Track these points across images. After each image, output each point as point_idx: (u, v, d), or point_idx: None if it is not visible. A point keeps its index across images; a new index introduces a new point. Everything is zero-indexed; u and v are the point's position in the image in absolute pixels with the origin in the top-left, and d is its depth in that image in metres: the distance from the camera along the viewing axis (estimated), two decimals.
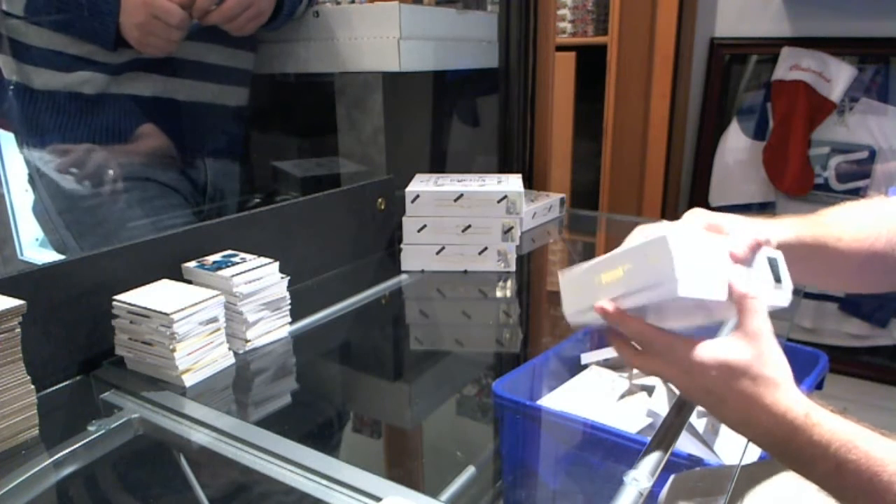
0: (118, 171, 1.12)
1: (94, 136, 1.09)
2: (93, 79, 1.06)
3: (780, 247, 0.59)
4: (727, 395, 0.51)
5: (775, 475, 0.64)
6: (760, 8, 1.80)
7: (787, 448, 0.49)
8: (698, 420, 0.78)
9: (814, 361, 0.95)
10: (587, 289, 0.58)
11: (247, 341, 0.84)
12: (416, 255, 1.16)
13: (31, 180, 1.13)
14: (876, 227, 0.67)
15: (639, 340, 0.55)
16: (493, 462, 0.78)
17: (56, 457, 0.64)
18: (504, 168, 1.61)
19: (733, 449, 0.75)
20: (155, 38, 1.00)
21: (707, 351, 0.51)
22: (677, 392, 0.59)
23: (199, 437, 0.67)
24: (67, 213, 1.10)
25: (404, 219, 1.16)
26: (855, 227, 0.67)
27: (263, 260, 0.87)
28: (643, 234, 0.58)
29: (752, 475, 0.65)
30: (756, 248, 0.56)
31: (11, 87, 1.07)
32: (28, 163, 1.12)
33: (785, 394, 0.50)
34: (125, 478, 0.71)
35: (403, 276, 1.15)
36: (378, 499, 0.55)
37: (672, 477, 0.65)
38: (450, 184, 1.18)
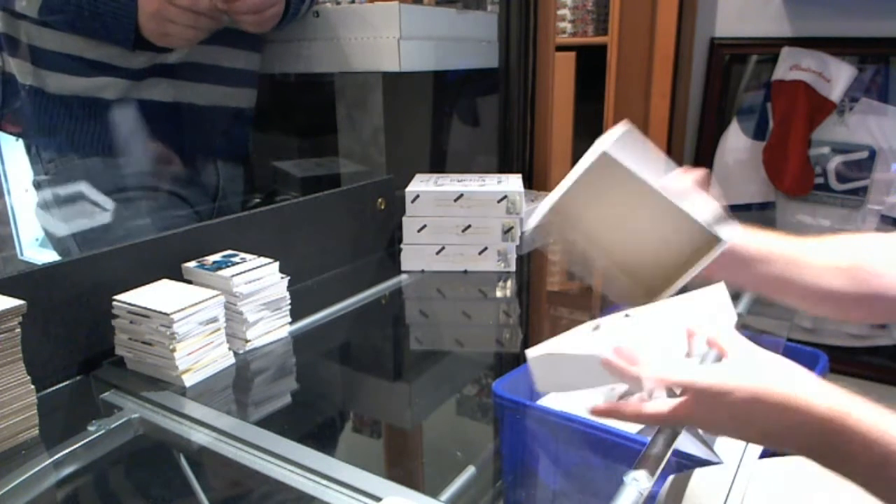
0: (129, 180, 1.12)
1: (110, 142, 1.09)
2: (112, 84, 1.06)
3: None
4: (757, 413, 0.50)
5: (775, 475, 0.64)
6: (760, 8, 1.80)
7: (829, 447, 0.48)
8: None
9: (814, 361, 0.95)
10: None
11: (247, 341, 0.84)
12: (416, 255, 1.16)
13: (37, 183, 1.13)
14: (846, 244, 0.67)
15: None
16: (493, 462, 0.78)
17: (56, 457, 0.64)
18: (504, 168, 1.61)
19: (733, 449, 0.75)
20: (172, 24, 0.98)
21: (733, 374, 0.51)
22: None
23: (199, 437, 0.67)
24: (73, 221, 1.10)
25: (404, 219, 1.15)
26: (822, 242, 0.67)
27: (263, 260, 0.87)
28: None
29: (752, 475, 0.65)
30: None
31: (26, 88, 1.06)
32: (35, 166, 1.12)
33: (820, 391, 0.49)
34: (125, 478, 0.71)
35: (403, 276, 1.15)
36: (378, 499, 0.55)
37: (671, 477, 0.65)
38: (450, 184, 1.18)
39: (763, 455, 0.70)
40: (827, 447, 0.49)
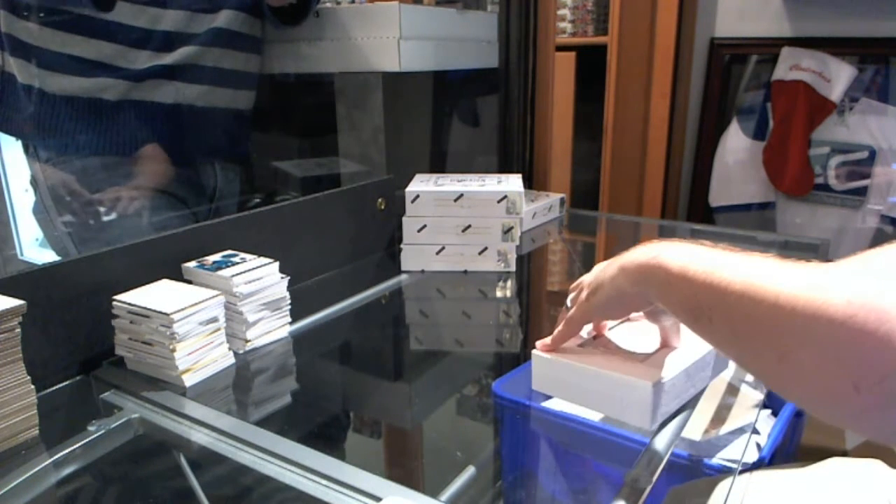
0: (125, 181, 1.12)
1: (108, 143, 1.09)
2: (112, 85, 1.06)
3: None
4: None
5: (772, 484, 0.64)
6: (760, 8, 1.80)
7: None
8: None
9: None
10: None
11: (247, 341, 0.84)
12: (416, 255, 1.16)
13: (34, 182, 1.13)
14: None
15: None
16: (493, 462, 0.78)
17: (56, 457, 0.64)
18: (504, 168, 1.61)
19: (733, 449, 0.75)
20: None
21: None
22: None
23: (199, 437, 0.67)
24: (70, 220, 1.10)
25: (404, 219, 1.16)
26: None
27: (263, 260, 0.87)
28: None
29: (749, 484, 0.65)
30: None
31: (25, 88, 1.06)
32: (32, 166, 1.12)
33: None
34: (125, 478, 0.71)
35: (403, 276, 1.15)
36: (378, 499, 0.55)
37: (670, 490, 0.65)
38: (450, 184, 1.18)
39: (761, 460, 0.70)
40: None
